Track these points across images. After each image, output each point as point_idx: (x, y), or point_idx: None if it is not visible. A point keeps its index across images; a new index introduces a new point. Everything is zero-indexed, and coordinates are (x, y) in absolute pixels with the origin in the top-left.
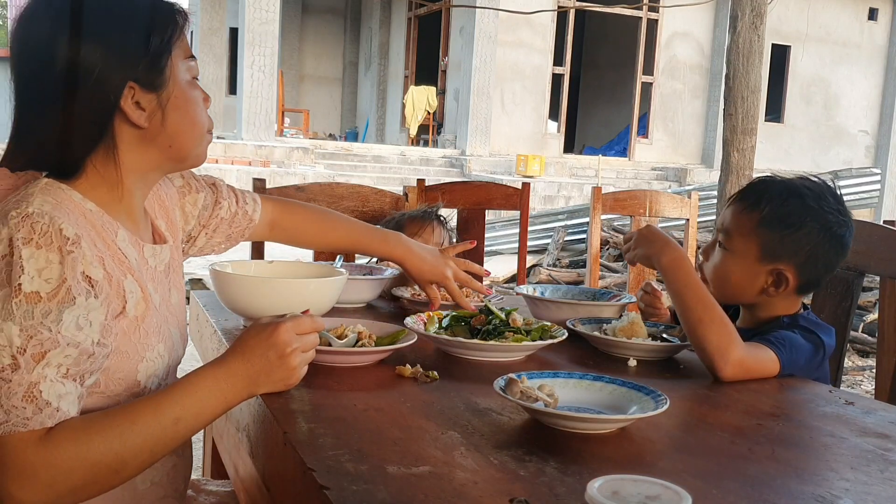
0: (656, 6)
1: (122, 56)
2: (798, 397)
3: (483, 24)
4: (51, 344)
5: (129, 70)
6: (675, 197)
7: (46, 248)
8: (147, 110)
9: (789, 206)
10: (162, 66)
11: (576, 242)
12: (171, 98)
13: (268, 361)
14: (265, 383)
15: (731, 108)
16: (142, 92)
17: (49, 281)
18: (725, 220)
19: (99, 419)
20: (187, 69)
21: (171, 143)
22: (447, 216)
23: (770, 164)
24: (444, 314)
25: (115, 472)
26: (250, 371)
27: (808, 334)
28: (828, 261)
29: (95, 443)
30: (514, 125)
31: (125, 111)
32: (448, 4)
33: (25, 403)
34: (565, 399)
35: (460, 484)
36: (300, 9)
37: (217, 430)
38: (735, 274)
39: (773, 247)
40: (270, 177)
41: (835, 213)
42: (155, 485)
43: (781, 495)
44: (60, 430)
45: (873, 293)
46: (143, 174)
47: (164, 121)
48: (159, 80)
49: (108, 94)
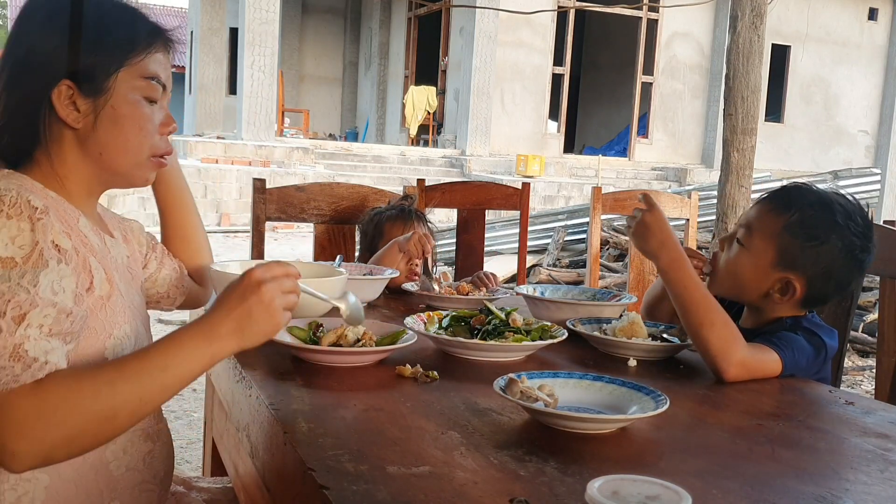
0: (656, 6)
1: (65, 53)
2: (798, 397)
3: (483, 24)
4: (29, 305)
5: (65, 67)
6: (675, 197)
7: (17, 218)
8: (81, 112)
9: (818, 218)
10: (103, 74)
11: (576, 242)
12: (106, 108)
13: (247, 305)
14: (251, 331)
15: (731, 108)
16: (79, 94)
17: (22, 247)
18: (750, 217)
19: (87, 369)
20: (140, 88)
21: (101, 151)
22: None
23: (770, 164)
24: (444, 314)
25: (106, 420)
26: (232, 319)
27: (811, 336)
28: (841, 280)
29: (85, 390)
30: (514, 125)
31: (55, 105)
32: (448, 4)
33: (13, 363)
34: (565, 399)
35: (460, 484)
36: (300, 9)
37: (217, 430)
38: (745, 272)
39: (791, 255)
40: (270, 177)
41: (861, 236)
42: (131, 470)
43: (781, 495)
44: (50, 381)
45: (873, 293)
46: (85, 179)
47: (95, 128)
48: (98, 87)
49: (40, 84)
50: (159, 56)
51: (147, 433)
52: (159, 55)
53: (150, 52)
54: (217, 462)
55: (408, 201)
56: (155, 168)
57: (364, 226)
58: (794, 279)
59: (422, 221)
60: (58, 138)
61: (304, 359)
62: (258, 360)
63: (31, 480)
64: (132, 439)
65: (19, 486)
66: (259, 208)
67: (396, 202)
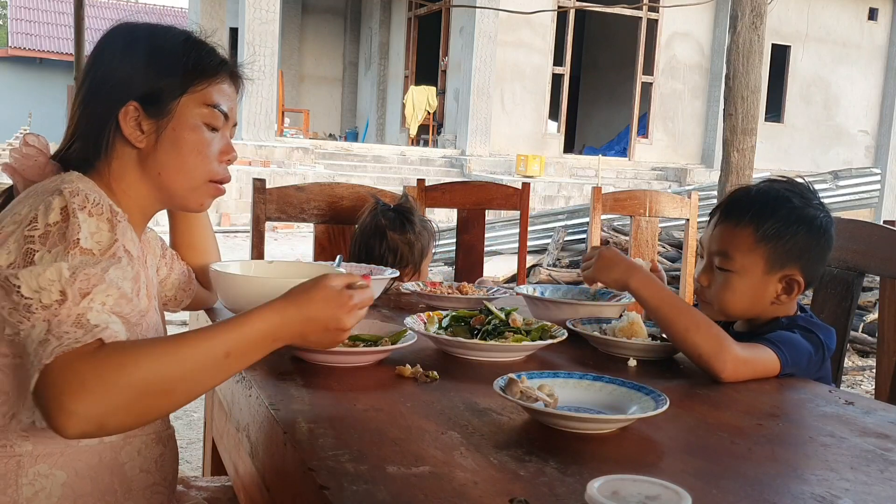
0: (656, 6)
1: (135, 76)
2: (798, 397)
3: (483, 24)
4: (97, 280)
5: (134, 89)
6: (675, 197)
7: (97, 217)
8: (145, 132)
9: (778, 213)
10: (167, 97)
11: (576, 242)
12: (167, 129)
13: (325, 324)
14: (314, 340)
15: (731, 108)
16: (144, 115)
17: (100, 243)
18: (716, 243)
19: (148, 341)
20: (202, 114)
21: (160, 171)
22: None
23: (770, 164)
24: (444, 314)
25: (163, 393)
26: (305, 323)
27: (808, 334)
28: (822, 255)
29: (144, 359)
30: (514, 125)
31: (121, 124)
32: (448, 4)
33: (75, 328)
34: (565, 399)
35: (460, 484)
36: (300, 9)
37: (217, 430)
38: (745, 292)
39: (778, 256)
40: (270, 177)
41: (818, 207)
42: (144, 472)
43: (781, 495)
44: (111, 347)
45: (873, 293)
46: (141, 197)
47: (156, 148)
48: (162, 110)
49: (111, 103)
50: (224, 87)
51: (159, 437)
52: (224, 86)
53: (214, 82)
54: (217, 462)
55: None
56: (211, 194)
57: (361, 236)
58: (792, 273)
59: (424, 226)
60: (120, 155)
61: (304, 359)
62: (258, 361)
63: (49, 476)
64: (146, 442)
65: (37, 481)
66: (259, 208)
67: (395, 203)
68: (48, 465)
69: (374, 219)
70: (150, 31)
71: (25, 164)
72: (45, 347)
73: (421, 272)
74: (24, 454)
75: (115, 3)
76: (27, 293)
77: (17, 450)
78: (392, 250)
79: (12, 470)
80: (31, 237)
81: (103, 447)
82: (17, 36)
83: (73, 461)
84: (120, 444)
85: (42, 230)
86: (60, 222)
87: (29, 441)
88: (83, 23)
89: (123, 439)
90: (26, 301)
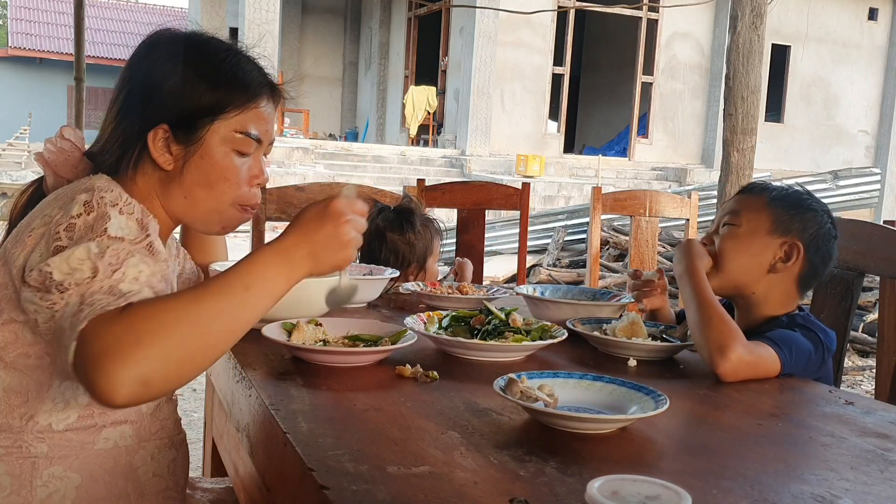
0: (656, 6)
1: (169, 98)
2: (798, 397)
3: (483, 24)
4: (126, 254)
5: (166, 112)
6: (675, 197)
7: (127, 216)
8: (173, 156)
9: (792, 194)
10: (198, 125)
11: (576, 242)
12: (195, 156)
13: (324, 235)
14: (323, 260)
15: (731, 108)
16: (173, 138)
17: (130, 233)
18: (730, 206)
19: (171, 294)
20: (231, 141)
21: (185, 194)
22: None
23: (770, 164)
24: (444, 314)
25: (199, 336)
26: (308, 245)
27: (808, 332)
28: (827, 252)
29: (171, 306)
30: (514, 125)
31: (149, 146)
32: (448, 4)
33: (107, 296)
34: (565, 399)
35: (460, 484)
36: (300, 9)
37: (217, 430)
38: (747, 247)
39: (784, 220)
40: (270, 177)
41: (827, 213)
42: (157, 476)
43: (781, 495)
44: (137, 303)
45: (873, 293)
46: (164, 214)
47: (183, 173)
48: (191, 136)
49: (141, 122)
50: (259, 111)
51: (172, 441)
52: (260, 110)
53: (249, 108)
54: (217, 462)
55: (410, 203)
56: (237, 217)
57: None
58: (794, 241)
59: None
60: (145, 171)
61: (304, 359)
62: (258, 360)
63: (63, 479)
64: (159, 446)
65: (51, 483)
66: (259, 208)
67: (396, 204)
68: (63, 467)
69: (373, 221)
70: (188, 46)
71: (59, 158)
72: (78, 316)
73: (427, 270)
74: (39, 455)
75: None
76: (59, 277)
77: (32, 451)
78: (393, 251)
79: (27, 471)
80: (58, 235)
81: (118, 451)
82: (17, 36)
83: (89, 464)
84: (134, 448)
85: (67, 223)
86: (86, 215)
87: (45, 443)
88: (83, 23)
89: (137, 443)
90: (59, 283)
